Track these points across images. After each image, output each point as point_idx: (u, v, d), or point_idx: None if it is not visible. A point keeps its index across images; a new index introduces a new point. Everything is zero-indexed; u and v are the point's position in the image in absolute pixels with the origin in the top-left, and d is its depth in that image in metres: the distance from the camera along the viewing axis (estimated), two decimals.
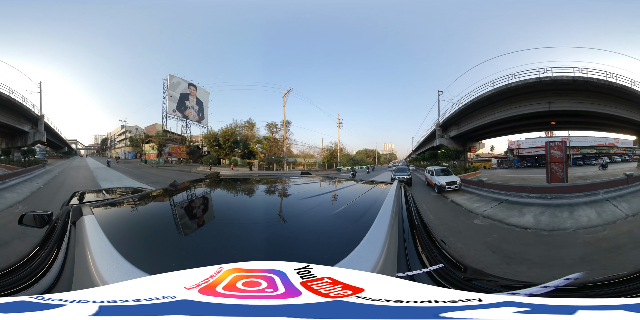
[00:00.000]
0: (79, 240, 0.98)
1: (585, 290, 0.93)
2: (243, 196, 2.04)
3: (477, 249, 6.95)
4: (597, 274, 0.97)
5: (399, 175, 21.12)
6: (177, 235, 1.17)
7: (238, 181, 2.62)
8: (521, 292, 0.85)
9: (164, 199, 1.90)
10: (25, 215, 1.86)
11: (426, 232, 1.43)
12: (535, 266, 5.80)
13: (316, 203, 1.69)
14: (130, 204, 1.80)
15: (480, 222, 10.03)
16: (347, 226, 1.25)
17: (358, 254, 0.87)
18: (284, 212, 1.52)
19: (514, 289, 0.89)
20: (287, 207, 1.65)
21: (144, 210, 1.64)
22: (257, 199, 1.99)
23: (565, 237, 8.03)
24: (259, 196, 2.06)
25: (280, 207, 1.65)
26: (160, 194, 2.08)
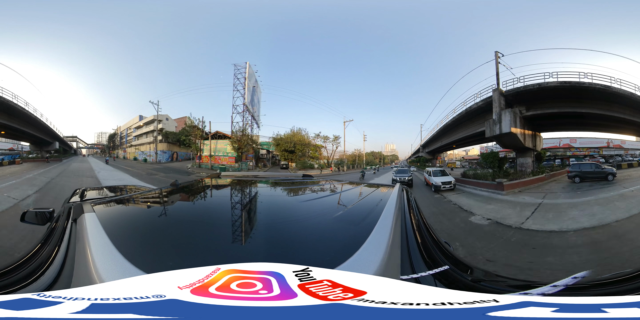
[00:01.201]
0: (79, 238, 0.97)
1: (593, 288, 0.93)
2: (244, 197, 2.03)
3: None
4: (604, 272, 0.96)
5: (400, 177, 21.40)
6: (176, 234, 1.16)
7: (239, 182, 2.62)
8: (533, 291, 0.84)
9: (166, 198, 1.90)
10: (27, 212, 1.88)
11: (429, 234, 1.42)
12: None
13: (317, 205, 1.68)
14: (132, 202, 1.79)
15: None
16: (348, 229, 1.23)
17: (360, 257, 0.86)
18: (285, 214, 1.51)
19: (522, 289, 0.88)
20: (288, 209, 1.64)
21: (144, 209, 1.64)
22: (258, 200, 1.98)
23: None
24: (261, 198, 2.06)
25: (281, 209, 1.64)
26: (162, 193, 2.08)
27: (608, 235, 7.64)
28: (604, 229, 8.17)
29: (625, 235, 7.43)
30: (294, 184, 2.60)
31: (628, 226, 8.09)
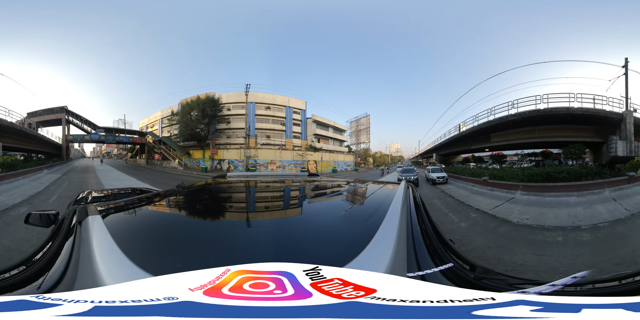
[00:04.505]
0: (84, 240, 0.97)
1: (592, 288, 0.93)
2: (250, 197, 2.03)
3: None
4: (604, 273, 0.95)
5: (405, 176, 21.77)
6: (183, 236, 1.16)
7: (245, 183, 2.61)
8: (531, 290, 0.85)
9: (171, 200, 1.89)
10: (31, 214, 1.87)
11: (435, 231, 1.42)
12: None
13: (324, 204, 1.69)
14: (137, 204, 1.78)
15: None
16: (355, 227, 1.24)
17: (368, 255, 0.86)
18: (291, 213, 1.52)
19: (523, 288, 0.89)
20: (295, 208, 1.64)
21: (150, 211, 1.64)
22: (264, 200, 1.98)
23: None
24: (266, 197, 2.06)
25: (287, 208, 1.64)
26: (167, 195, 2.07)
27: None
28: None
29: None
30: (299, 183, 2.60)
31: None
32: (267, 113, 43.88)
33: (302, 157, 42.37)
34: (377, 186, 2.29)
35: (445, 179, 23.25)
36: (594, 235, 7.58)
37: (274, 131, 44.61)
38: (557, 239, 7.47)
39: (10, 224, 7.63)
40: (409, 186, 2.03)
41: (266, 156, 39.54)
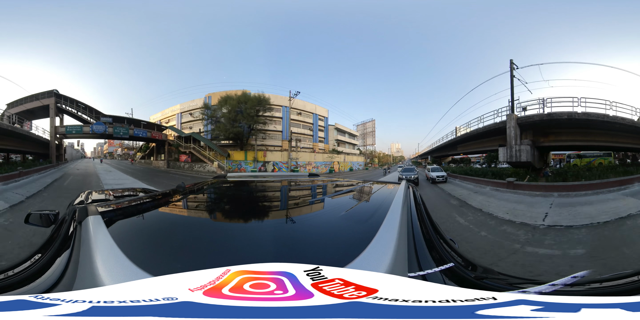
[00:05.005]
0: (84, 240, 0.97)
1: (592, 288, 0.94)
2: (250, 198, 2.02)
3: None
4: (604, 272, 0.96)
5: (406, 175, 21.99)
6: (183, 236, 1.16)
7: (245, 183, 2.60)
8: (531, 290, 0.85)
9: (171, 201, 1.89)
10: (31, 214, 1.86)
11: (435, 231, 1.42)
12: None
13: (324, 204, 1.69)
14: (137, 204, 1.78)
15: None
16: (356, 227, 1.24)
17: (369, 255, 0.86)
18: (292, 213, 1.51)
19: (523, 287, 0.90)
20: (295, 208, 1.64)
21: (150, 212, 1.63)
22: (264, 200, 1.98)
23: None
24: (266, 198, 2.05)
25: (287, 209, 1.64)
26: (167, 195, 2.07)
27: None
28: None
29: None
30: (299, 183, 2.60)
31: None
32: (299, 118, 46.94)
33: (331, 159, 48.77)
34: (377, 186, 2.28)
35: (444, 177, 23.80)
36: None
37: (303, 135, 47.45)
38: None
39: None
40: (409, 186, 2.03)
41: (304, 158, 43.26)
